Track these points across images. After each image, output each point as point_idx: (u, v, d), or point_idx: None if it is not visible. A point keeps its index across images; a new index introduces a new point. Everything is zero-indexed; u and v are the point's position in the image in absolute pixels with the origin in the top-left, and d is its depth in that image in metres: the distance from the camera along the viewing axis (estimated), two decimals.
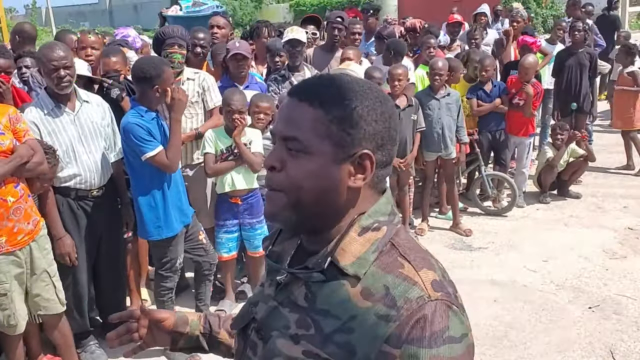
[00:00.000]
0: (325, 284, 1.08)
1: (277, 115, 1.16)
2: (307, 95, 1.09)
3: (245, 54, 4.56)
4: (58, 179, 3.53)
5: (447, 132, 5.55)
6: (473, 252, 5.32)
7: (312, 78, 1.19)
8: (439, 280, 1.06)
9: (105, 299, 3.99)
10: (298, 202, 1.09)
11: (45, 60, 3.41)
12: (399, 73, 5.08)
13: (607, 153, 7.91)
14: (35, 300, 3.23)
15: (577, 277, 4.75)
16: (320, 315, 1.07)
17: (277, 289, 1.16)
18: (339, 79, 1.15)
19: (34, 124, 3.43)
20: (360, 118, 1.08)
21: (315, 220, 1.11)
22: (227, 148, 4.13)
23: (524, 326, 4.06)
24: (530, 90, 6.00)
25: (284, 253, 1.21)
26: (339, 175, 1.08)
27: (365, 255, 1.08)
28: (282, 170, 1.09)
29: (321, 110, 1.07)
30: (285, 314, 1.12)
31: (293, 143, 1.08)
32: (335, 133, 1.07)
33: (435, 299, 1.03)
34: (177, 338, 1.46)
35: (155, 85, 3.38)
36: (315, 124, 1.07)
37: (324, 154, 1.07)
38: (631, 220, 5.89)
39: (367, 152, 1.08)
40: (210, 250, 3.94)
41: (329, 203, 1.10)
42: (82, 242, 3.66)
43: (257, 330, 1.16)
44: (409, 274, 1.05)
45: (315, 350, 1.05)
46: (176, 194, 3.63)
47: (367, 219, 1.11)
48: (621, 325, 4.03)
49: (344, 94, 1.09)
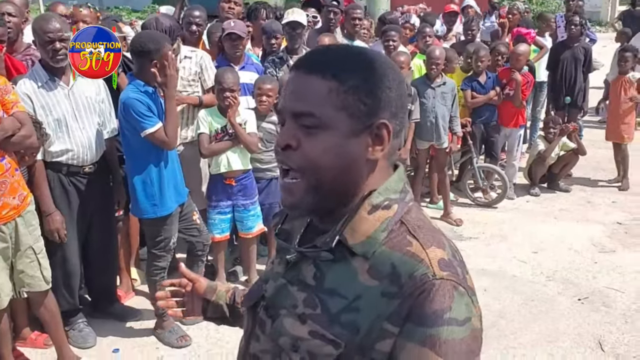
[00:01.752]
0: (334, 263, 1.05)
1: (284, 91, 1.08)
2: (318, 67, 1.04)
3: (240, 34, 4.49)
4: (49, 154, 3.46)
5: (440, 122, 5.53)
6: (463, 242, 5.33)
7: (318, 49, 1.13)
8: (447, 260, 1.02)
9: (95, 277, 3.94)
10: (318, 181, 1.04)
11: (41, 32, 3.33)
12: (401, 60, 5.05)
13: (595, 148, 7.95)
14: (20, 276, 3.16)
15: (567, 269, 4.78)
16: (327, 294, 1.04)
17: (286, 267, 1.13)
18: (347, 48, 1.12)
19: (27, 97, 3.35)
20: (375, 86, 1.04)
21: (333, 199, 1.07)
22: (222, 128, 4.08)
23: (514, 316, 4.08)
24: (518, 77, 5.99)
25: (294, 231, 1.18)
26: (358, 148, 1.04)
27: (375, 234, 1.05)
28: (298, 149, 1.04)
29: (335, 81, 1.02)
30: (294, 292, 1.09)
31: (308, 119, 1.02)
32: (352, 104, 1.02)
33: (440, 277, 0.99)
34: (205, 305, 1.47)
35: (154, 60, 3.32)
36: (330, 96, 1.02)
37: (342, 127, 1.03)
38: (620, 214, 5.94)
39: (384, 122, 1.05)
40: (203, 231, 3.90)
41: (349, 178, 1.06)
42: (72, 219, 3.60)
43: (266, 308, 1.13)
44: (415, 252, 1.02)
45: (322, 331, 1.02)
46: (172, 172, 3.58)
47: (378, 197, 1.07)
48: (609, 317, 4.06)
49: (355, 63, 1.05)
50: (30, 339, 3.65)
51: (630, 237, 5.40)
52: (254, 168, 4.31)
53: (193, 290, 1.47)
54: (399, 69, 1.13)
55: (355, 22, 5.68)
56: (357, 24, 5.72)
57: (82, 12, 4.46)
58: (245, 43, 4.69)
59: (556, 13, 8.75)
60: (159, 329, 3.75)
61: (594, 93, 9.62)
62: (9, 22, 3.81)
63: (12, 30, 3.83)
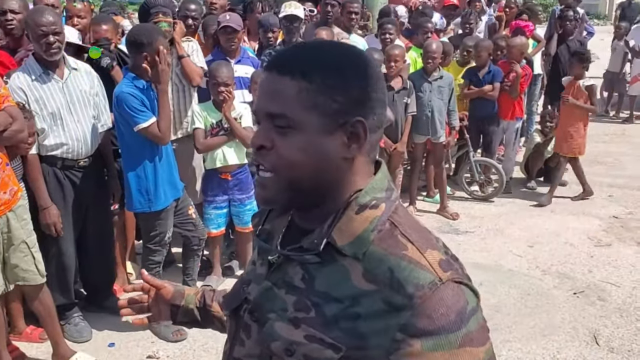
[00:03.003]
0: (322, 264, 1.04)
1: (258, 92, 1.08)
2: (287, 68, 1.02)
3: (235, 27, 4.47)
4: (44, 148, 3.45)
5: (437, 115, 5.51)
6: (459, 236, 5.33)
7: (287, 48, 1.12)
8: (445, 259, 1.02)
9: (90, 271, 3.93)
10: (292, 181, 1.03)
11: (34, 25, 3.31)
12: (395, 54, 5.03)
13: (592, 142, 7.96)
14: (14, 270, 3.15)
15: (563, 263, 4.79)
16: (320, 297, 1.03)
17: (269, 269, 1.11)
18: (316, 45, 1.10)
19: (21, 90, 3.33)
20: (347, 83, 1.02)
21: (310, 197, 1.06)
22: (217, 122, 4.07)
23: (509, 310, 4.08)
24: (518, 69, 5.95)
25: (274, 231, 1.16)
26: (332, 147, 1.03)
27: (364, 234, 1.03)
28: (272, 149, 1.03)
29: (304, 81, 1.00)
30: (282, 295, 1.07)
31: (280, 120, 1.02)
32: (323, 103, 1.01)
33: (446, 280, 0.99)
34: (174, 310, 1.46)
35: (145, 53, 3.30)
36: (300, 97, 1.00)
37: (314, 126, 1.01)
38: (616, 208, 5.95)
39: (359, 119, 1.03)
40: (199, 226, 3.89)
41: (324, 177, 1.04)
42: (67, 213, 3.59)
43: (251, 312, 1.12)
44: (413, 256, 1.00)
45: (319, 335, 1.01)
46: (167, 166, 3.57)
47: (365, 196, 1.06)
48: (605, 311, 4.07)
49: (324, 60, 1.03)
50: (25, 333, 3.65)
51: (626, 231, 5.41)
52: (250, 163, 4.30)
53: (158, 296, 1.46)
54: (376, 62, 1.12)
55: (352, 15, 5.66)
56: (354, 18, 5.70)
57: (76, 7, 4.43)
58: (240, 36, 4.67)
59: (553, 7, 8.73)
60: (155, 323, 3.73)
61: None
62: (12, 20, 3.76)
63: (16, 27, 3.78)
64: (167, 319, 1.48)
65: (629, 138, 8.67)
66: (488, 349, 1.01)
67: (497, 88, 6.02)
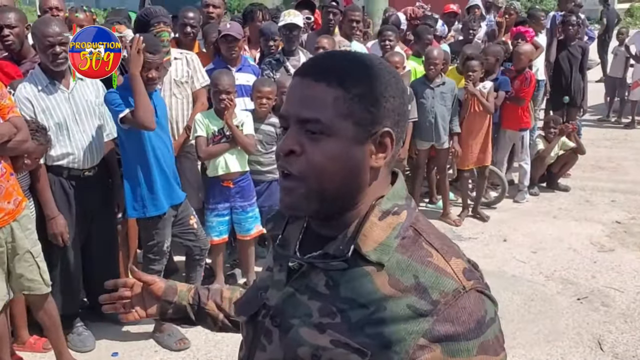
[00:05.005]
0: (346, 271, 1.05)
1: (289, 97, 1.08)
2: (324, 74, 1.04)
3: (236, 36, 4.49)
4: (50, 158, 3.48)
5: (440, 122, 5.49)
6: (462, 242, 5.33)
7: (321, 55, 1.14)
8: (468, 268, 1.05)
9: (94, 280, 3.94)
10: (320, 188, 1.04)
11: (41, 36, 3.34)
12: (395, 60, 5.04)
13: (594, 147, 7.97)
14: (20, 280, 3.16)
15: (566, 268, 4.79)
16: (346, 303, 1.04)
17: (290, 276, 1.12)
18: (350, 55, 1.11)
19: (28, 101, 3.37)
20: (380, 95, 1.04)
21: (335, 205, 1.07)
22: (219, 130, 4.08)
23: (513, 316, 4.08)
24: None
25: (290, 237, 1.17)
26: (362, 156, 1.04)
27: (388, 241, 1.05)
28: (302, 155, 1.04)
29: (341, 89, 1.02)
30: (305, 301, 1.08)
31: (314, 125, 1.02)
32: (357, 112, 1.03)
33: (470, 288, 1.02)
34: (165, 307, 1.45)
35: None
36: (337, 104, 1.02)
37: (347, 134, 1.03)
38: (619, 214, 5.94)
39: (388, 130, 1.05)
40: (201, 236, 3.89)
41: (352, 186, 1.06)
42: (73, 222, 3.61)
43: (272, 317, 1.12)
44: (439, 264, 1.03)
45: (345, 340, 1.02)
46: (163, 173, 3.58)
47: (387, 203, 1.08)
48: (609, 317, 4.07)
49: (360, 70, 1.05)
50: (29, 342, 3.65)
51: (630, 236, 5.40)
52: (254, 170, 4.31)
53: (149, 291, 1.45)
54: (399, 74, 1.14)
55: (353, 24, 5.69)
56: (355, 27, 5.72)
57: (78, 17, 4.45)
58: (241, 45, 4.69)
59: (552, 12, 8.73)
60: (158, 332, 3.75)
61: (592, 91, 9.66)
62: (8, 35, 3.74)
63: (13, 42, 3.78)
64: (154, 315, 1.47)
65: (631, 143, 8.67)
66: (503, 358, 1.04)
67: (502, 97, 5.88)
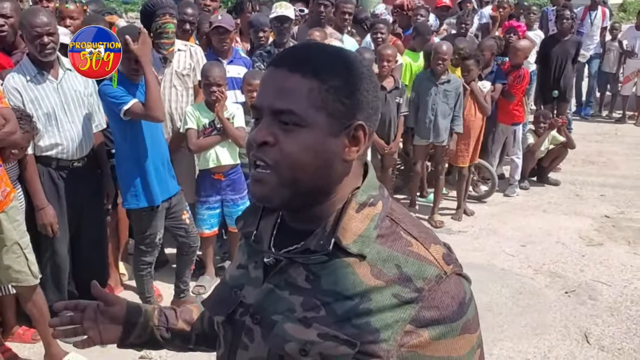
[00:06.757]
0: (326, 263, 1.06)
1: (262, 87, 1.07)
2: (299, 65, 1.03)
3: (227, 27, 4.47)
4: (39, 148, 3.46)
5: (440, 119, 5.31)
6: (452, 236, 5.35)
7: (297, 46, 1.14)
8: (446, 253, 1.08)
9: (83, 271, 3.93)
10: (292, 179, 1.03)
11: (28, 26, 3.31)
12: (388, 54, 5.03)
13: (585, 142, 8.01)
14: (8, 272, 3.15)
15: (554, 262, 4.82)
16: (329, 296, 1.04)
17: (267, 272, 1.12)
18: (327, 47, 1.11)
19: (17, 91, 3.34)
20: (355, 88, 1.05)
21: (307, 197, 1.07)
22: (210, 123, 4.07)
23: (501, 309, 4.11)
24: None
25: (262, 232, 1.16)
26: (335, 148, 1.04)
27: (367, 232, 1.06)
28: (275, 146, 1.03)
29: (316, 80, 1.02)
30: (286, 296, 1.08)
31: (288, 116, 1.02)
32: (332, 104, 1.03)
33: (450, 272, 1.05)
34: (129, 329, 1.36)
35: None
36: (311, 95, 1.02)
37: (321, 126, 1.02)
38: (608, 208, 5.99)
39: (361, 123, 1.05)
40: (192, 232, 3.88)
41: (324, 178, 1.06)
42: (62, 213, 3.59)
43: (252, 315, 1.11)
44: (420, 252, 1.05)
45: (333, 332, 1.02)
46: (155, 165, 3.57)
47: (363, 195, 1.08)
48: (596, 310, 4.10)
49: (336, 63, 1.05)
50: (17, 333, 3.64)
51: (618, 231, 5.45)
52: (245, 163, 4.30)
53: (109, 313, 1.36)
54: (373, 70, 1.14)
55: (345, 16, 5.67)
56: (347, 19, 5.71)
57: (68, 8, 4.41)
58: (232, 37, 4.67)
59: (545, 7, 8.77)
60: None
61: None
62: (4, 26, 3.70)
63: (9, 32, 3.74)
64: (112, 341, 1.37)
65: (622, 138, 8.72)
66: (479, 335, 1.09)
67: (499, 89, 5.92)
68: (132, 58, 3.37)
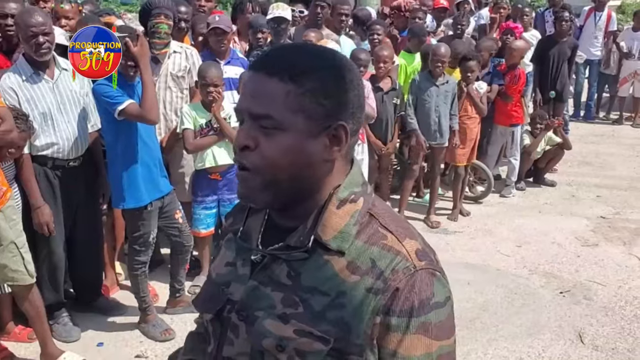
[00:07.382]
0: (307, 260, 1.07)
1: (243, 91, 1.09)
2: (276, 69, 1.04)
3: (225, 28, 4.47)
4: (35, 148, 3.47)
5: (443, 121, 5.35)
6: (448, 236, 5.37)
7: (275, 49, 1.14)
8: (422, 249, 1.08)
9: (80, 271, 3.94)
10: (274, 180, 1.06)
11: (24, 26, 3.32)
12: (385, 55, 5.03)
13: (581, 143, 8.03)
14: (4, 271, 3.16)
15: (550, 262, 4.84)
16: (307, 292, 1.06)
17: (253, 269, 1.13)
18: (304, 48, 1.13)
19: (12, 91, 3.35)
20: (332, 88, 1.05)
21: (290, 197, 1.09)
22: (206, 123, 4.08)
23: (496, 309, 4.12)
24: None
25: (251, 230, 1.18)
26: (315, 149, 1.06)
27: (346, 228, 1.07)
28: (256, 149, 1.05)
29: (292, 83, 1.03)
30: (268, 293, 1.10)
31: (266, 120, 1.04)
32: (309, 106, 1.04)
33: (420, 268, 1.05)
34: None
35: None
36: (288, 99, 1.03)
37: (299, 129, 1.04)
38: (604, 209, 6.01)
39: (342, 123, 1.06)
40: (185, 232, 3.87)
41: (305, 178, 1.08)
42: (58, 212, 3.60)
43: (238, 312, 1.13)
44: (393, 245, 1.06)
45: (308, 329, 1.04)
46: (146, 165, 3.58)
47: (344, 191, 1.10)
48: (590, 310, 4.12)
49: (313, 64, 1.06)
50: (14, 333, 3.65)
51: (613, 231, 5.47)
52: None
53: None
54: (357, 68, 1.15)
55: (342, 17, 5.68)
56: (344, 20, 5.72)
57: (64, 8, 4.41)
58: (230, 37, 4.68)
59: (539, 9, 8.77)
60: (143, 322, 3.76)
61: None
62: (12, 25, 3.66)
63: (15, 32, 3.75)
64: None
65: (618, 139, 8.75)
66: (444, 346, 1.05)
67: (495, 90, 5.94)
68: (130, 58, 3.38)
